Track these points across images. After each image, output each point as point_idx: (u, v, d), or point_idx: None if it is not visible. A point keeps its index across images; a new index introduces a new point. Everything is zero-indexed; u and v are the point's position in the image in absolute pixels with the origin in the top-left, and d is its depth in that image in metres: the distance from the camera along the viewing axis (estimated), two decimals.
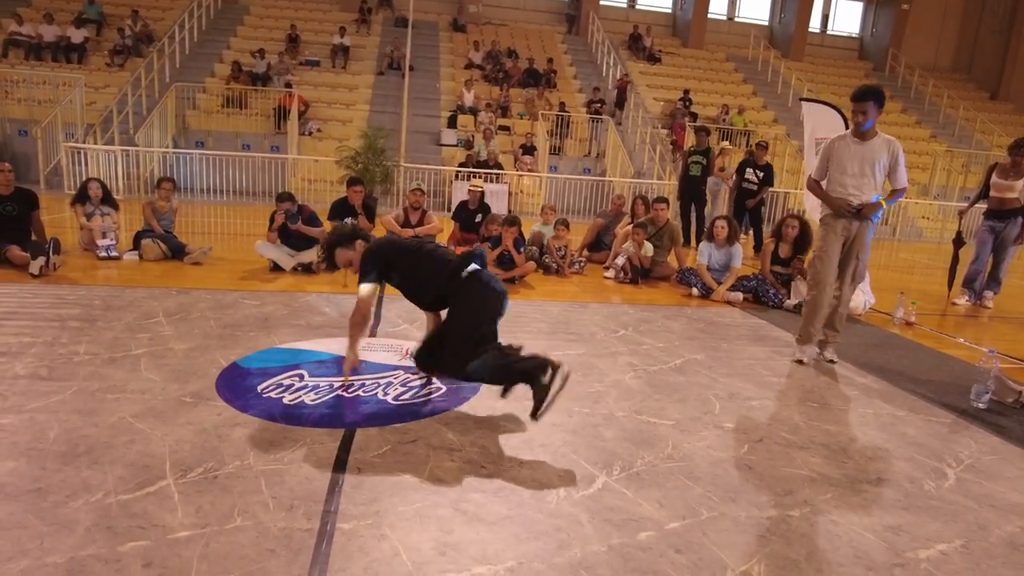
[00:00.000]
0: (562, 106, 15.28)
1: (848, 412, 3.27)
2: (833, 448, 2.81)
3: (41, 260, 5.04)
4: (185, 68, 14.75)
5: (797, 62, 20.07)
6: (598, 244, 7.65)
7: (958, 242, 6.56)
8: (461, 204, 7.66)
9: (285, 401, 2.91)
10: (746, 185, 9.16)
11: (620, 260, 6.52)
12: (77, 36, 14.43)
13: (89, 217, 6.20)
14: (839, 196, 3.93)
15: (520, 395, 3.15)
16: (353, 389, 3.10)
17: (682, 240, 7.34)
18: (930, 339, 4.95)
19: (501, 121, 14.81)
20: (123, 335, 3.69)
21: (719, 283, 5.88)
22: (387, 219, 6.67)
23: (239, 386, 3.05)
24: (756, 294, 5.83)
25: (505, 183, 12.32)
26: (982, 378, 3.53)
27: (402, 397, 3.05)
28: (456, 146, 13.99)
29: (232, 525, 1.94)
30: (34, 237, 5.54)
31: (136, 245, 6.06)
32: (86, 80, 13.03)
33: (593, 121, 15.06)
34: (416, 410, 2.92)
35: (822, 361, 4.11)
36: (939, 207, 14.86)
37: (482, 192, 7.62)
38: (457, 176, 12.07)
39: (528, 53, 17.40)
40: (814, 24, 21.71)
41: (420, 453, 2.49)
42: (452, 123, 14.57)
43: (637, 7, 21.50)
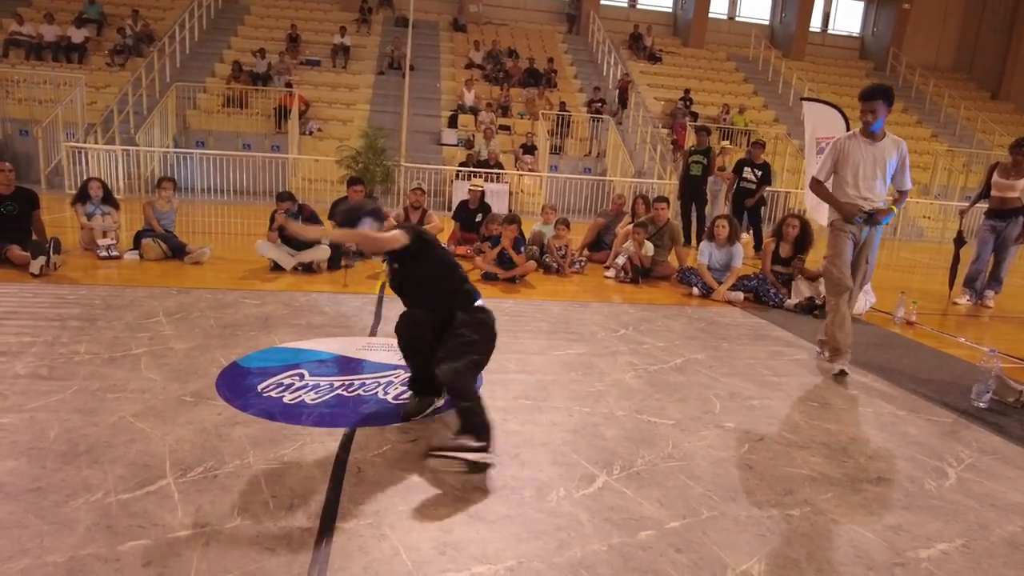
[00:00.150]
0: (563, 106, 15.28)
1: (849, 411, 3.27)
2: (834, 447, 2.80)
3: (42, 260, 5.05)
4: (186, 68, 14.76)
5: (798, 61, 20.07)
6: (599, 243, 7.65)
7: (959, 241, 6.55)
8: (461, 204, 7.66)
9: (285, 400, 2.91)
10: (744, 184, 9.15)
11: (621, 259, 6.52)
12: (78, 36, 14.44)
13: (90, 217, 6.21)
14: (849, 199, 3.80)
15: (521, 395, 3.16)
16: (353, 389, 3.10)
17: (683, 240, 7.34)
18: (931, 338, 4.94)
19: (502, 121, 14.81)
20: (123, 334, 3.69)
21: (720, 283, 5.87)
22: (387, 219, 6.65)
23: (239, 385, 3.05)
24: (757, 294, 5.83)
25: (506, 183, 12.33)
26: (983, 377, 3.52)
27: (402, 397, 3.04)
28: (456, 146, 13.99)
29: (232, 524, 1.94)
30: (35, 237, 5.55)
31: (137, 245, 6.07)
32: (87, 80, 13.05)
33: (594, 121, 15.06)
34: None
35: (823, 360, 4.10)
36: (940, 207, 14.86)
37: (482, 192, 7.63)
38: (457, 176, 12.08)
39: (528, 53, 17.41)
40: (815, 23, 21.72)
41: (420, 452, 2.49)
42: (452, 123, 14.58)
43: (638, 7, 21.50)
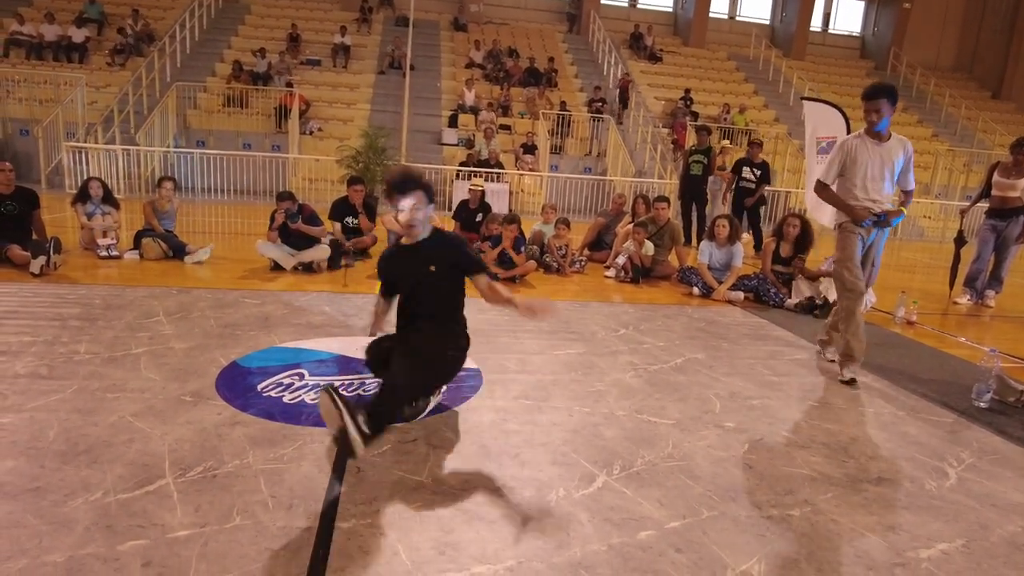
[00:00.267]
0: (563, 105, 15.28)
1: (849, 411, 3.27)
2: (834, 447, 2.80)
3: (42, 259, 5.05)
4: (186, 67, 14.76)
5: (798, 61, 20.07)
6: (599, 243, 7.64)
7: (960, 241, 6.54)
8: (462, 203, 7.65)
9: (285, 400, 2.91)
10: (744, 184, 9.15)
11: (621, 259, 6.52)
12: (78, 35, 14.45)
13: (90, 216, 6.21)
14: (857, 201, 3.70)
15: (521, 395, 3.15)
16: (353, 389, 3.10)
17: (683, 239, 7.33)
18: (931, 338, 4.94)
19: (502, 120, 14.81)
20: (123, 334, 3.68)
21: (720, 282, 5.87)
22: (388, 219, 6.64)
23: (239, 385, 3.05)
24: (757, 293, 5.82)
25: (506, 182, 12.33)
26: (984, 377, 3.52)
27: None
28: (457, 145, 13.99)
29: (231, 524, 1.94)
30: (35, 236, 5.55)
31: (137, 244, 6.07)
32: (87, 79, 13.06)
33: (594, 120, 15.05)
34: None
35: (823, 360, 4.10)
36: (941, 206, 14.85)
37: (483, 191, 7.62)
38: (458, 175, 12.08)
39: (529, 52, 17.40)
40: (815, 23, 21.71)
41: (420, 452, 2.49)
42: (453, 122, 14.57)
43: (638, 6, 21.50)
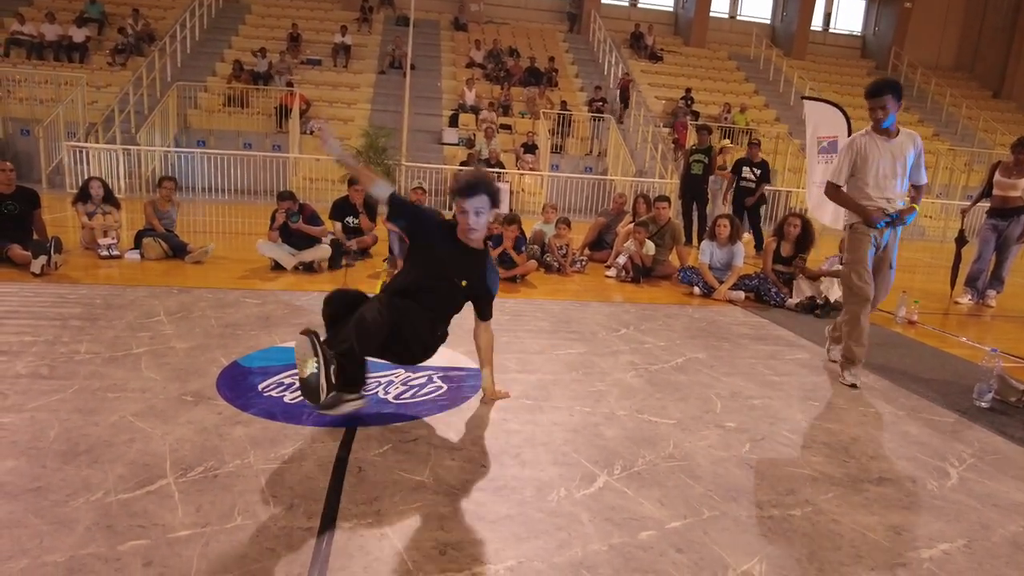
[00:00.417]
0: (563, 105, 15.27)
1: (850, 411, 3.26)
2: (835, 447, 2.80)
3: (43, 259, 5.05)
4: (186, 67, 14.76)
5: (799, 61, 20.06)
6: (600, 243, 7.64)
7: (961, 241, 6.54)
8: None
9: (286, 400, 2.91)
10: (744, 184, 9.17)
11: (622, 259, 6.51)
12: (79, 35, 14.45)
13: (91, 216, 6.21)
14: (870, 201, 3.60)
15: (521, 394, 3.15)
16: None
17: (684, 239, 7.33)
18: (933, 338, 4.93)
19: (502, 120, 14.80)
20: (124, 334, 3.68)
21: (721, 282, 5.87)
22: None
23: (240, 385, 3.05)
24: (758, 293, 5.82)
25: (507, 182, 12.32)
26: (985, 377, 3.52)
27: (403, 396, 3.04)
28: (457, 145, 13.98)
29: (232, 524, 1.94)
30: (36, 236, 5.55)
31: (137, 244, 6.07)
32: (88, 79, 13.06)
33: (594, 120, 15.05)
34: (417, 409, 2.91)
35: (827, 360, 4.08)
36: (942, 206, 14.83)
37: None
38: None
39: (529, 52, 17.39)
40: (816, 22, 21.70)
41: (421, 452, 2.49)
42: (453, 122, 14.57)
43: (639, 6, 21.49)
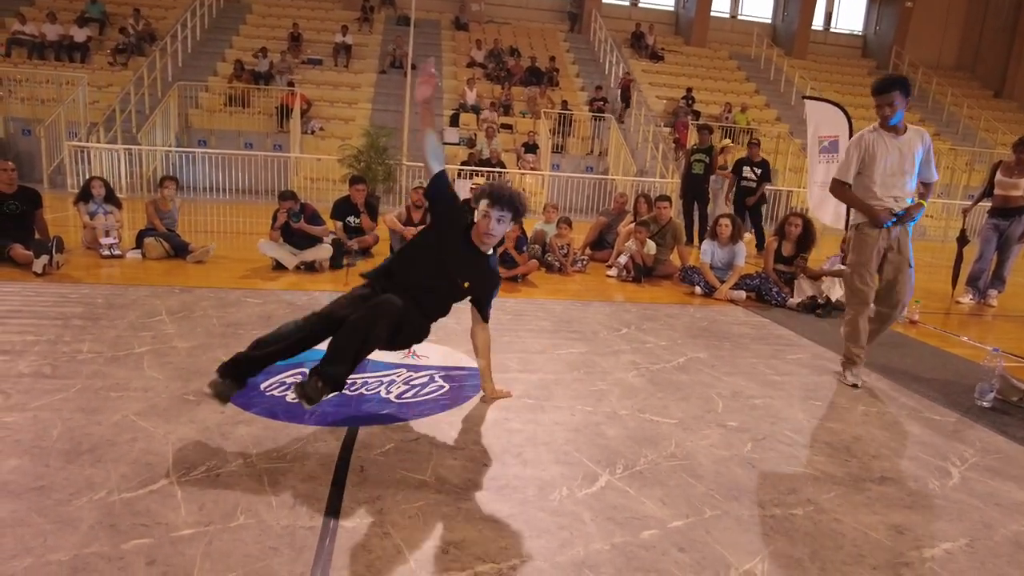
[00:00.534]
0: (564, 104, 15.26)
1: (852, 410, 3.27)
2: (836, 447, 2.80)
3: (44, 258, 5.05)
4: (188, 67, 14.76)
5: (800, 60, 20.03)
6: (601, 242, 7.64)
7: (962, 240, 6.53)
8: (464, 202, 7.65)
9: (288, 399, 2.91)
10: (745, 183, 9.17)
11: (623, 258, 6.51)
12: (80, 35, 14.45)
13: (92, 216, 6.21)
14: (878, 200, 3.53)
15: (523, 394, 3.16)
16: (355, 388, 3.10)
17: (685, 238, 7.33)
18: (934, 338, 4.93)
19: (503, 119, 14.80)
20: (126, 333, 3.69)
21: (722, 281, 5.87)
22: (389, 218, 6.66)
23: None
24: (759, 292, 5.82)
25: (507, 182, 12.30)
26: (987, 377, 3.51)
27: (405, 396, 3.05)
28: (458, 144, 13.98)
29: (235, 523, 1.94)
30: (37, 235, 5.56)
31: (139, 243, 6.07)
32: (89, 79, 13.06)
33: (595, 119, 15.04)
34: (419, 408, 2.92)
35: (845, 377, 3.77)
36: (943, 205, 14.81)
37: None
38: (459, 174, 12.07)
39: (530, 51, 17.39)
40: (817, 22, 21.67)
41: (423, 451, 2.49)
42: (454, 121, 14.57)
43: (639, 5, 21.46)
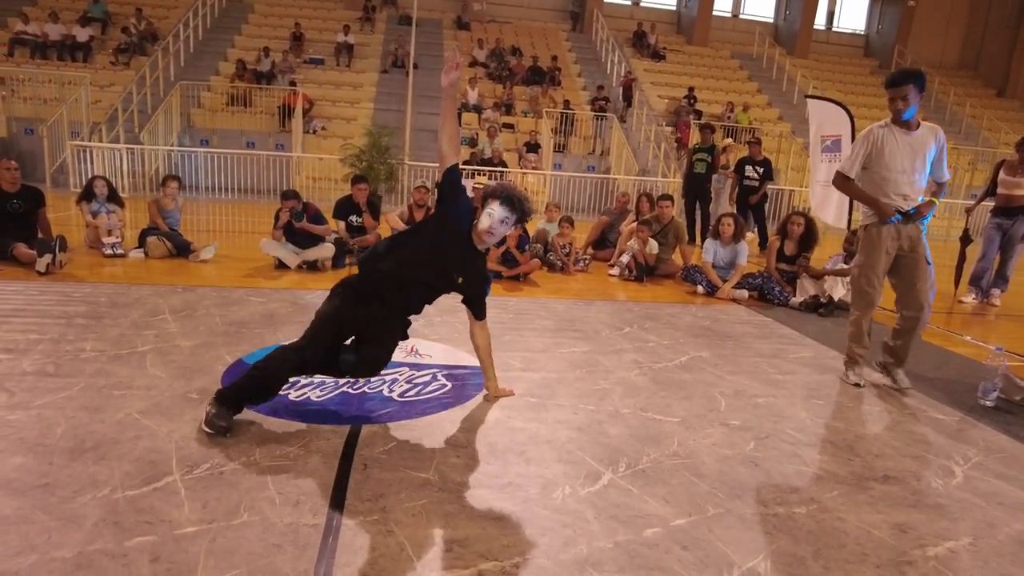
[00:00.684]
0: (566, 104, 15.25)
1: (854, 409, 3.26)
2: (839, 445, 2.80)
3: (47, 257, 5.06)
4: (190, 66, 14.78)
5: (802, 59, 20.00)
6: (603, 242, 7.64)
7: (965, 240, 6.52)
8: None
9: (291, 397, 2.91)
10: (747, 183, 9.17)
11: (625, 258, 6.51)
12: (82, 35, 14.48)
13: (95, 215, 6.22)
14: (886, 197, 3.44)
15: (526, 392, 3.16)
16: (358, 386, 3.10)
17: (687, 237, 7.33)
18: (937, 337, 4.92)
19: (505, 119, 14.80)
20: (129, 332, 3.70)
21: (724, 280, 5.86)
22: (391, 217, 6.67)
23: None
24: (762, 292, 5.81)
25: (509, 181, 12.31)
26: (990, 376, 3.51)
27: (408, 394, 3.05)
28: (461, 144, 13.97)
29: (238, 520, 1.94)
30: (40, 235, 5.56)
31: (141, 243, 6.08)
32: (91, 79, 13.07)
33: (597, 119, 15.03)
34: (422, 407, 2.92)
35: (893, 390, 3.58)
36: (946, 205, 14.75)
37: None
38: (461, 174, 12.06)
39: (532, 51, 17.38)
40: (819, 21, 21.63)
41: (426, 449, 2.49)
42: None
43: (641, 4, 21.44)
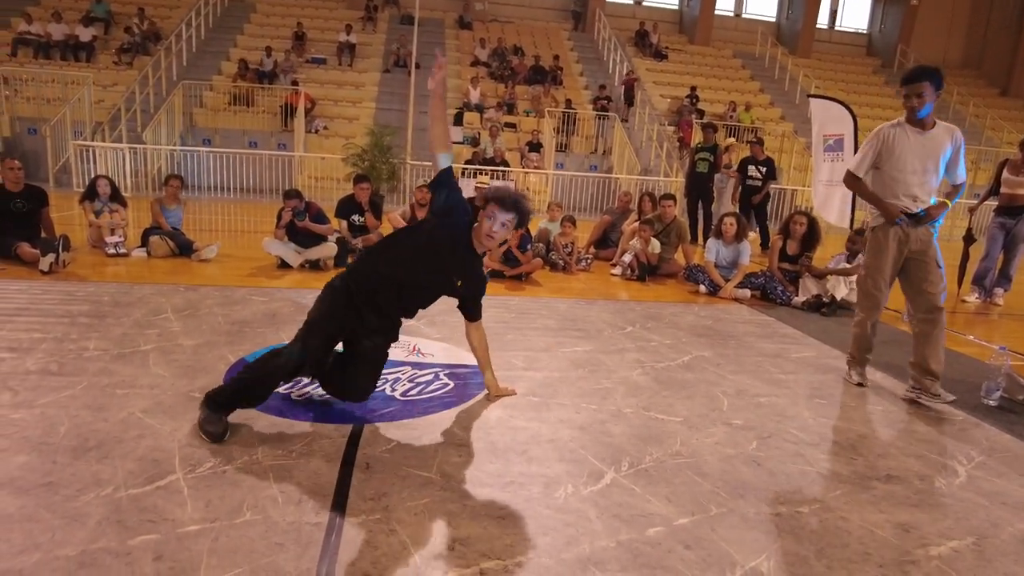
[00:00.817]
0: (568, 103, 15.25)
1: (857, 409, 3.26)
2: (842, 445, 2.79)
3: (51, 257, 5.07)
4: (192, 66, 14.80)
5: (804, 59, 19.96)
6: (605, 241, 7.64)
7: (968, 239, 6.51)
8: (468, 201, 7.66)
9: (293, 397, 2.92)
10: (750, 182, 9.16)
11: (627, 257, 6.51)
12: (85, 35, 14.51)
13: (98, 214, 6.24)
14: (895, 197, 3.36)
15: (528, 392, 3.16)
16: None
17: (689, 237, 7.32)
18: None
19: (507, 118, 14.80)
20: (132, 331, 3.70)
21: (727, 280, 5.86)
22: (394, 216, 6.67)
23: None
24: (764, 291, 5.81)
25: (511, 180, 12.32)
26: (993, 375, 3.50)
27: (410, 393, 3.05)
28: (462, 143, 13.98)
29: (241, 519, 1.95)
30: (44, 234, 5.58)
31: (144, 242, 6.09)
32: (94, 78, 13.09)
33: (599, 118, 15.03)
34: (424, 406, 2.92)
35: (934, 403, 3.31)
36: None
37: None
38: (463, 173, 12.07)
39: (534, 50, 17.38)
40: (822, 20, 21.60)
41: (428, 448, 2.50)
42: (458, 120, 14.57)
43: (644, 4, 21.43)
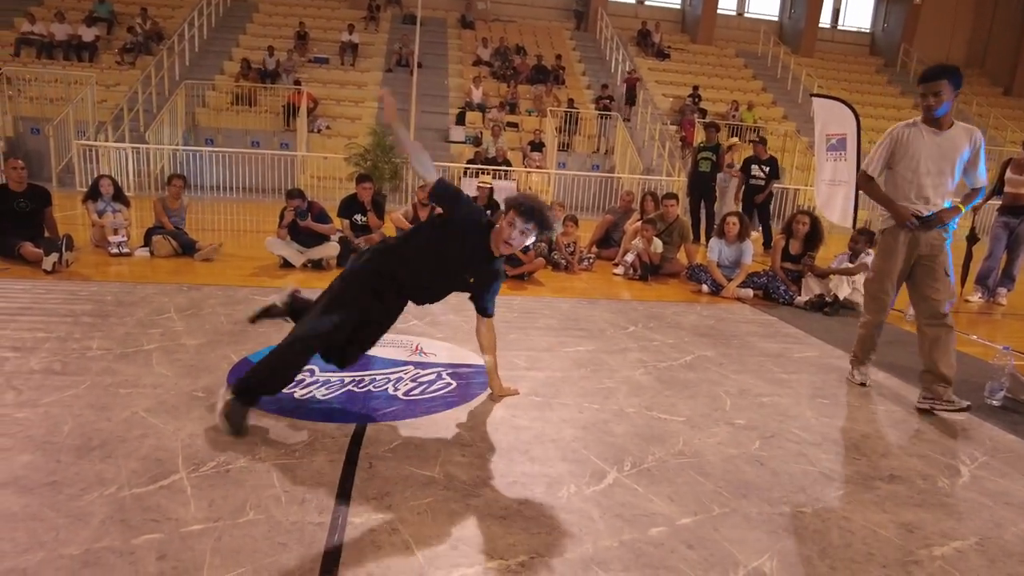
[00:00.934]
0: (570, 102, 15.24)
1: (860, 409, 3.25)
2: (845, 445, 2.79)
3: (54, 256, 5.08)
4: (195, 66, 14.81)
5: (807, 58, 19.91)
6: (607, 240, 7.63)
7: (971, 239, 6.49)
8: (472, 199, 7.66)
9: (296, 396, 2.92)
10: (753, 182, 9.15)
11: (629, 257, 6.50)
12: (88, 34, 14.53)
13: (101, 214, 6.25)
14: (906, 200, 3.30)
15: (531, 391, 3.16)
16: (363, 384, 3.11)
17: (692, 236, 7.31)
18: None
19: (509, 118, 14.79)
20: (135, 330, 3.71)
21: (729, 279, 5.85)
22: (396, 216, 6.67)
23: None
24: (766, 291, 5.80)
25: (513, 180, 12.32)
26: (996, 375, 3.50)
27: (412, 393, 3.05)
28: (464, 143, 13.99)
29: (244, 519, 1.95)
30: (47, 234, 5.59)
31: (147, 242, 6.11)
32: (97, 78, 13.11)
33: (602, 117, 15.01)
34: (427, 405, 2.92)
35: (951, 414, 3.19)
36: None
37: (491, 189, 7.62)
38: (466, 173, 12.08)
39: (536, 49, 17.37)
40: (825, 19, 21.54)
41: (431, 448, 2.50)
42: (460, 120, 14.57)
43: (646, 3, 21.40)
